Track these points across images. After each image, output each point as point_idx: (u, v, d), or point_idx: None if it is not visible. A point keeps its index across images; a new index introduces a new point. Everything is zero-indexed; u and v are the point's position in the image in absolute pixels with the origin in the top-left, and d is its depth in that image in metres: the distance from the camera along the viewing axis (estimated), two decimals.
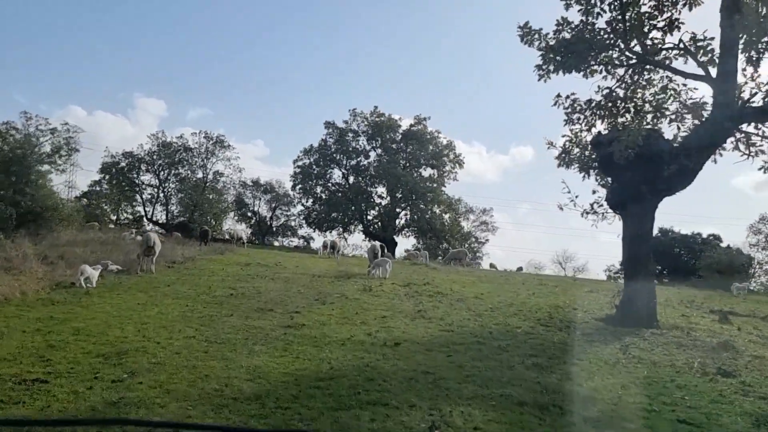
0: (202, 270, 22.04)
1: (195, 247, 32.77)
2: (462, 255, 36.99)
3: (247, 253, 31.14)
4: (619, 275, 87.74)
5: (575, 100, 16.58)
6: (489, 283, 23.63)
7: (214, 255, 28.16)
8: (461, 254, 37.19)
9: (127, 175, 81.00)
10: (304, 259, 31.75)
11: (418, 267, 31.61)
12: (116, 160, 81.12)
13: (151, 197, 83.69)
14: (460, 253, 37.40)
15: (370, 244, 25.22)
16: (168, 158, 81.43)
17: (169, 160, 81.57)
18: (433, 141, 65.85)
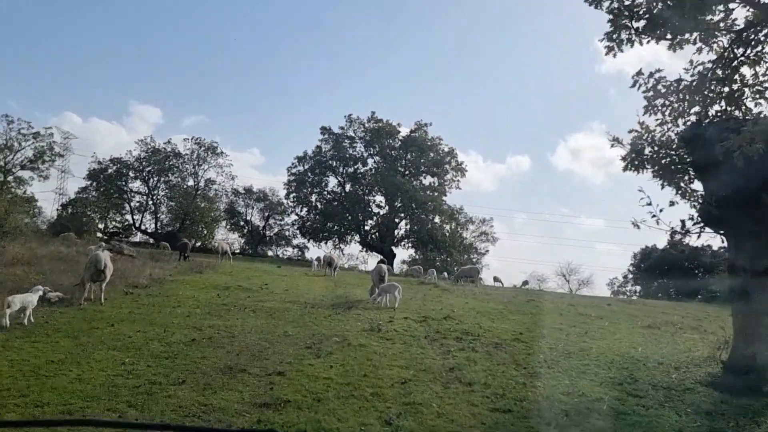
0: (168, 298, 17.33)
1: (172, 263, 28.08)
2: (474, 273, 32.44)
3: (231, 271, 26.46)
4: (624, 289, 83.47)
5: (660, 79, 12.05)
6: (520, 314, 18.98)
7: (190, 275, 23.45)
8: (473, 272, 32.61)
9: (115, 182, 76.13)
10: (296, 278, 27.07)
11: (426, 288, 27.02)
12: (104, 166, 76.32)
13: (139, 205, 78.83)
14: (472, 270, 32.83)
15: (376, 266, 20.59)
16: (157, 165, 76.65)
17: (158, 167, 76.79)
18: (434, 148, 61.43)
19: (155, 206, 77.19)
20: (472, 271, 32.54)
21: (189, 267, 26.28)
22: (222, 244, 33.34)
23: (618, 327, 17.19)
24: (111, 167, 75.53)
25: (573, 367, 11.62)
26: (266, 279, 24.41)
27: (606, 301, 29.88)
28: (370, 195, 63.19)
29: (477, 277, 32.42)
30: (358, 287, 25.02)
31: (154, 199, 76.79)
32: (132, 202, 77.51)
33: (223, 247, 33.04)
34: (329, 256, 30.71)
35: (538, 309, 20.99)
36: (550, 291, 57.13)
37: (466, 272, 32.55)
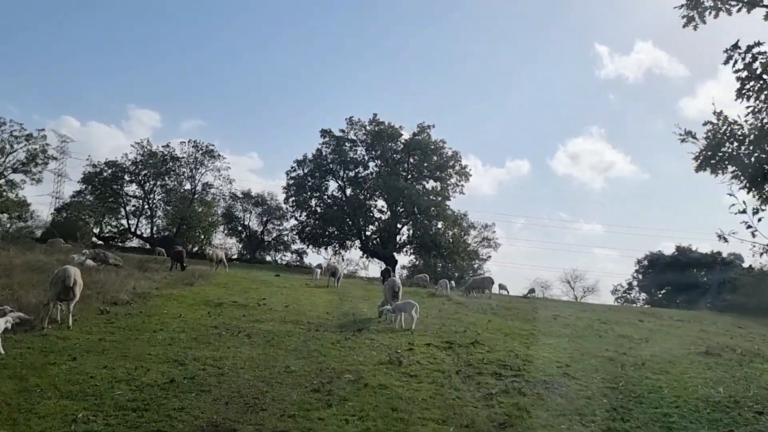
0: (150, 318, 14.72)
1: (162, 272, 25.46)
2: (488, 284, 29.84)
3: (225, 282, 23.84)
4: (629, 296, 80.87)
5: (759, 55, 9.56)
6: (553, 336, 16.41)
7: (179, 287, 20.82)
8: (487, 283, 30.00)
9: (110, 185, 73.35)
10: (297, 289, 24.44)
11: (439, 301, 24.47)
12: (99, 169, 73.53)
13: (135, 209, 76.01)
14: (485, 281, 30.20)
15: (388, 280, 18.02)
16: (154, 168, 73.89)
17: (155, 171, 74.04)
18: (437, 151, 58.91)
19: (151, 210, 74.46)
20: (486, 282, 29.93)
21: (179, 278, 23.66)
22: (216, 252, 30.70)
23: (672, 354, 14.61)
24: (106, 171, 72.81)
25: (652, 418, 9.04)
26: (264, 292, 21.82)
27: (635, 315, 27.26)
28: (371, 199, 60.62)
29: (491, 288, 29.83)
30: (365, 301, 22.47)
31: (150, 203, 74.09)
32: (128, 206, 74.86)
33: (218, 255, 30.40)
34: (333, 265, 28.13)
35: (570, 328, 18.43)
36: (556, 299, 54.68)
37: (478, 283, 29.97)
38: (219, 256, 30.49)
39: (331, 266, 27.74)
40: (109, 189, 72.71)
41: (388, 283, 17.50)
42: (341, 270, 28.10)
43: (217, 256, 30.37)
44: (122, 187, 73.29)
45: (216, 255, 30.29)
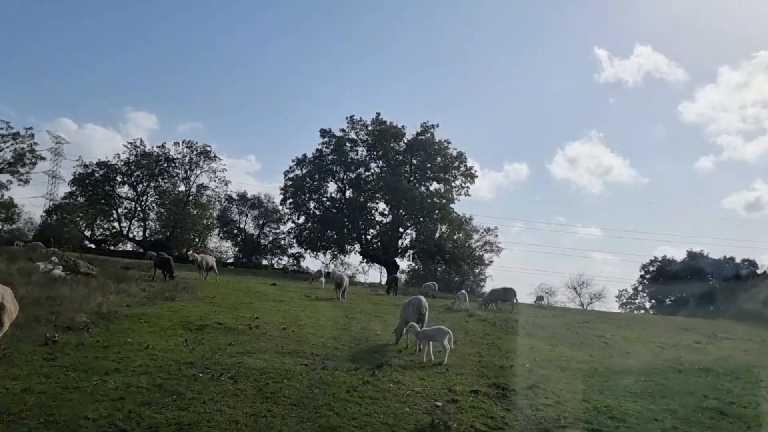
0: (107, 350, 11.08)
1: (141, 283, 21.81)
2: (510, 296, 26.16)
3: (213, 296, 20.11)
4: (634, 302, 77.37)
5: None
6: (624, 372, 12.76)
7: (157, 303, 17.12)
8: (509, 294, 26.27)
9: (102, 187, 69.45)
10: (296, 304, 20.70)
11: (460, 318, 20.91)
12: (90, 170, 69.61)
13: (127, 212, 72.10)
14: (507, 293, 26.44)
15: (412, 299, 14.20)
16: (147, 169, 70.05)
17: (148, 172, 70.19)
18: (441, 152, 55.39)
19: (144, 213, 70.58)
20: (508, 294, 26.15)
21: (160, 290, 19.97)
22: (206, 258, 26.96)
23: None
24: (98, 171, 68.91)
25: None
26: (257, 308, 18.17)
27: (676, 330, 23.61)
28: (372, 202, 57.13)
29: (513, 300, 26.19)
30: (376, 318, 18.87)
31: (143, 205, 70.22)
32: (119, 208, 70.95)
33: (207, 262, 26.69)
34: (338, 275, 24.42)
35: (635, 358, 14.86)
36: (572, 307, 51.23)
37: (498, 295, 26.26)
38: (209, 263, 26.82)
39: (337, 276, 24.08)
40: (101, 190, 68.85)
41: (412, 303, 13.80)
42: (347, 280, 24.44)
43: (207, 263, 26.69)
44: (114, 189, 69.48)
45: (205, 262, 26.60)
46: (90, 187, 68.72)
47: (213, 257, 27.63)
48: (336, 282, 23.56)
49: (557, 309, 35.93)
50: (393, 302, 24.43)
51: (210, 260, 26.97)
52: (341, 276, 23.84)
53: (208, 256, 27.50)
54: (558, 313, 30.68)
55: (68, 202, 70.66)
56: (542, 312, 28.77)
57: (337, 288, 23.46)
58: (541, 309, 33.17)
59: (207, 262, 26.68)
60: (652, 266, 77.64)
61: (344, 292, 23.76)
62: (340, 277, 23.63)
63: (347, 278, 24.68)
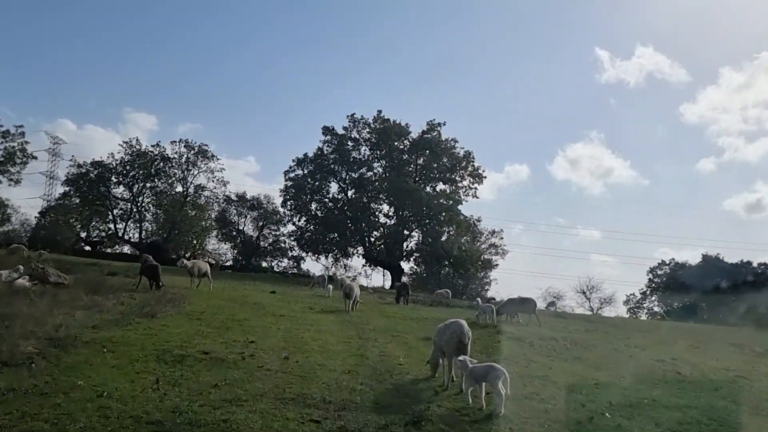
0: (44, 398, 7.87)
1: (121, 295, 18.61)
2: (531, 307, 22.80)
3: (202, 311, 16.83)
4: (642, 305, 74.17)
5: None
6: (719, 424, 9.63)
7: (131, 323, 13.91)
8: (529, 306, 22.85)
9: (97, 187, 65.98)
10: (299, 319, 17.41)
11: (488, 335, 17.74)
12: (84, 170, 66.13)
13: (123, 213, 68.62)
14: (527, 304, 22.89)
15: (451, 324, 10.85)
16: (143, 169, 66.62)
17: (144, 172, 66.76)
18: (448, 151, 52.19)
19: (140, 214, 67.10)
20: (528, 306, 22.79)
21: (140, 304, 16.75)
22: (198, 265, 23.67)
23: None
24: (92, 171, 65.47)
25: None
26: (253, 327, 14.95)
27: (733, 346, 20.37)
28: (376, 203, 53.90)
29: (535, 312, 22.94)
30: (394, 339, 15.69)
31: (139, 206, 66.74)
32: (115, 209, 67.46)
33: (200, 269, 23.45)
34: (348, 284, 21.07)
35: (719, 389, 11.72)
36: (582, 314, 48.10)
37: (516, 306, 22.78)
38: (201, 270, 23.58)
39: (346, 286, 20.79)
40: (96, 191, 65.41)
41: (451, 330, 10.47)
42: (357, 291, 21.21)
43: (199, 269, 23.44)
44: (109, 189, 66.02)
45: (197, 268, 23.33)
46: (85, 188, 65.24)
47: (206, 263, 24.36)
48: (345, 292, 20.34)
49: (578, 317, 32.73)
50: (408, 315, 21.25)
51: (203, 266, 23.70)
52: (351, 286, 20.57)
53: (200, 262, 24.21)
54: (585, 323, 27.53)
55: (62, 203, 67.18)
56: (570, 324, 25.59)
57: (346, 299, 20.23)
58: (562, 318, 30.11)
59: (199, 269, 23.43)
60: (660, 269, 74.70)
61: (354, 304, 20.57)
62: (349, 288, 20.37)
63: (358, 288, 21.44)
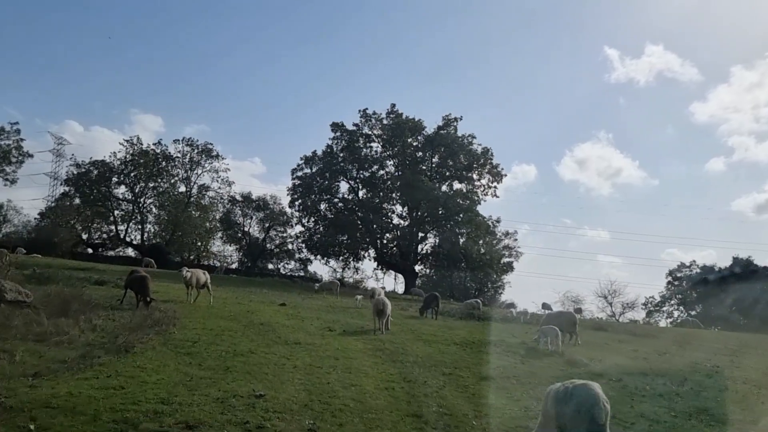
0: None
1: (97, 316, 14.58)
2: (571, 324, 18.38)
3: (195, 338, 12.81)
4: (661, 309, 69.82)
5: None
6: None
7: (95, 362, 9.94)
8: (570, 323, 18.46)
9: (98, 187, 62.03)
10: (319, 348, 13.31)
11: (559, 369, 13.65)
12: (84, 169, 62.19)
13: (124, 214, 64.64)
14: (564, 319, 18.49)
15: (571, 390, 6.48)
16: (145, 168, 62.70)
17: (145, 171, 62.81)
18: (465, 148, 48.05)
19: (141, 215, 63.15)
20: (567, 322, 18.48)
21: (112, 331, 12.73)
22: (197, 275, 19.65)
23: None
24: (92, 171, 61.55)
25: None
26: (261, 364, 10.91)
27: None
28: (388, 203, 49.81)
29: (576, 330, 18.67)
30: (448, 377, 11.64)
31: (140, 207, 62.78)
32: (117, 210, 63.44)
33: (199, 279, 19.42)
34: (381, 300, 16.61)
35: None
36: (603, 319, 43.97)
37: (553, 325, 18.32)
38: (200, 281, 19.55)
39: (378, 301, 16.56)
40: (96, 191, 61.44)
41: (577, 399, 6.29)
42: (390, 306, 17.06)
43: (198, 280, 19.42)
44: (110, 189, 62.03)
45: (195, 279, 19.30)
46: (85, 188, 61.24)
47: (206, 273, 20.25)
48: (377, 309, 16.20)
49: (618, 328, 28.56)
50: (448, 337, 17.14)
51: (201, 277, 19.60)
52: (383, 302, 16.41)
53: (200, 272, 20.09)
54: (642, 340, 23.46)
55: (60, 204, 63.12)
56: (624, 340, 21.50)
57: (378, 317, 16.14)
58: (601, 330, 26.04)
59: (198, 279, 19.39)
60: (680, 272, 70.46)
61: (388, 322, 16.52)
62: (382, 303, 16.20)
63: (390, 303, 17.28)
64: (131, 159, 61.07)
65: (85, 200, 61.98)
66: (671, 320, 68.21)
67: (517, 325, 24.75)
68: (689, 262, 70.10)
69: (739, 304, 49.05)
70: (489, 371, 12.48)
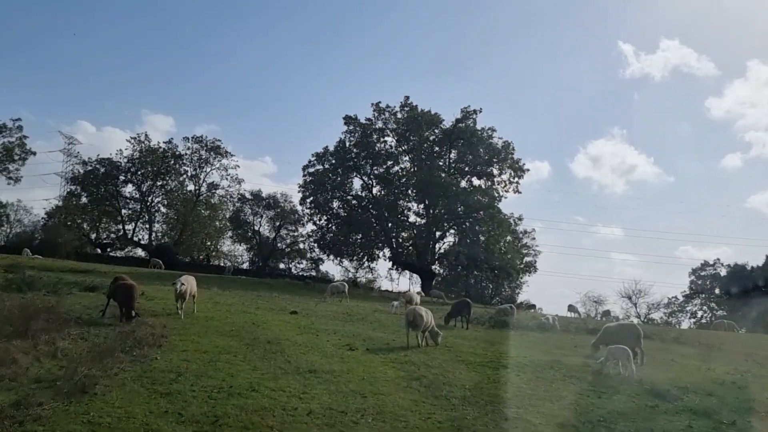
0: None
1: (61, 335, 11.60)
2: (635, 337, 14.90)
3: (182, 365, 9.86)
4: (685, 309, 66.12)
5: None
6: None
7: (40, 412, 6.98)
8: (633, 336, 14.97)
9: (106, 185, 59.38)
10: (336, 369, 10.34)
11: (650, 411, 10.47)
12: (90, 167, 59.57)
13: (131, 213, 61.94)
14: (628, 333, 15.15)
15: None
16: (152, 166, 60.00)
17: (153, 169, 60.12)
18: (485, 142, 44.77)
19: (149, 214, 60.43)
20: (631, 336, 14.94)
21: (75, 361, 9.75)
22: (189, 282, 16.46)
23: None
24: (99, 169, 58.88)
25: None
26: (267, 407, 7.90)
27: None
28: (404, 200, 46.67)
29: (640, 345, 15.21)
30: (514, 423, 8.52)
31: (148, 205, 60.05)
32: (125, 209, 60.75)
33: (192, 287, 16.32)
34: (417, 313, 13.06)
35: None
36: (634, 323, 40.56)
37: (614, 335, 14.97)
38: (193, 291, 16.42)
39: (414, 314, 13.04)
40: (104, 189, 58.76)
41: None
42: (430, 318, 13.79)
43: (191, 288, 16.31)
44: (117, 188, 59.31)
45: (187, 287, 16.14)
46: (92, 187, 58.56)
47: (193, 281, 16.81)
48: (408, 320, 12.98)
49: (665, 336, 25.23)
50: (491, 356, 14.00)
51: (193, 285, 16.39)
52: (419, 314, 13.08)
53: (191, 278, 16.90)
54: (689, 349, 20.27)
55: (67, 204, 60.35)
56: (689, 353, 18.26)
57: (413, 328, 12.97)
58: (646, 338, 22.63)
59: (191, 288, 16.21)
60: (703, 270, 66.81)
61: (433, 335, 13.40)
62: (418, 316, 12.89)
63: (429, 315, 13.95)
64: (139, 157, 58.45)
65: (91, 199, 59.41)
66: (694, 321, 64.71)
67: (556, 335, 21.58)
68: (713, 260, 66.53)
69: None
70: (564, 412, 9.33)
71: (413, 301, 17.80)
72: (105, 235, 65.44)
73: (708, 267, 66.44)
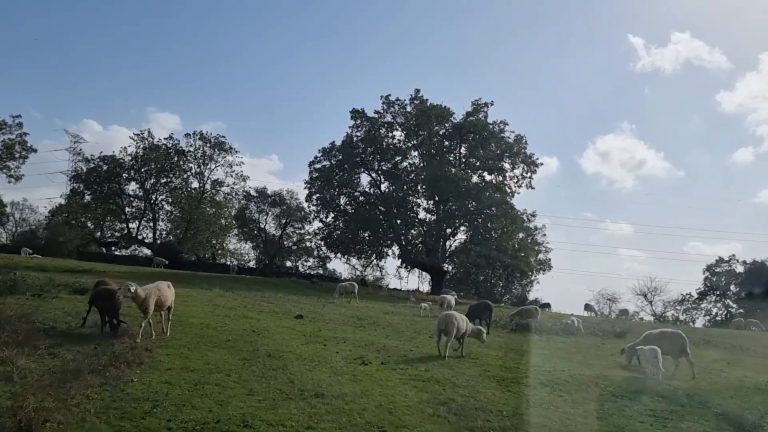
0: None
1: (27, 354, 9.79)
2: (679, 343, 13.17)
3: (168, 380, 8.12)
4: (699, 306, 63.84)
5: None
6: None
7: None
8: (680, 346, 13.25)
9: (109, 183, 57.72)
10: (347, 393, 8.51)
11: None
12: (93, 165, 57.91)
13: (135, 211, 60.28)
14: (678, 344, 13.37)
15: None
16: (156, 163, 58.31)
17: (156, 166, 58.42)
18: (496, 136, 42.78)
19: (153, 212, 58.78)
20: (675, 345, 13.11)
21: (41, 378, 7.96)
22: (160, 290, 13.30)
23: None
24: (102, 166, 57.22)
25: None
26: None
27: None
28: (413, 196, 44.74)
29: (687, 349, 13.33)
30: None
31: (152, 203, 58.39)
32: (128, 207, 59.11)
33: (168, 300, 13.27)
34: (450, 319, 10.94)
35: None
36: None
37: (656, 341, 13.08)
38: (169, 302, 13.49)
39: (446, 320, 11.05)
40: (107, 187, 57.10)
41: None
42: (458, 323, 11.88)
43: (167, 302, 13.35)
44: (120, 186, 57.64)
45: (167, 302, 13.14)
46: (95, 184, 56.88)
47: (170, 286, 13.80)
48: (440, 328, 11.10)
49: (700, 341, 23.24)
50: (523, 369, 12.11)
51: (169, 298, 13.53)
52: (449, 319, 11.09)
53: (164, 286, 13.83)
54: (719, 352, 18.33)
55: (70, 202, 58.72)
56: (734, 365, 16.31)
57: (444, 336, 11.09)
58: None
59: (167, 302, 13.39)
60: (718, 267, 64.55)
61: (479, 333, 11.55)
62: (451, 324, 11.01)
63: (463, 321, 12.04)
64: (142, 154, 56.77)
65: (95, 197, 57.80)
66: (708, 319, 62.51)
67: (582, 339, 19.72)
68: (727, 257, 64.33)
69: None
70: None
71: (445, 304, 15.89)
72: (109, 233, 63.92)
73: (723, 263, 64.23)
